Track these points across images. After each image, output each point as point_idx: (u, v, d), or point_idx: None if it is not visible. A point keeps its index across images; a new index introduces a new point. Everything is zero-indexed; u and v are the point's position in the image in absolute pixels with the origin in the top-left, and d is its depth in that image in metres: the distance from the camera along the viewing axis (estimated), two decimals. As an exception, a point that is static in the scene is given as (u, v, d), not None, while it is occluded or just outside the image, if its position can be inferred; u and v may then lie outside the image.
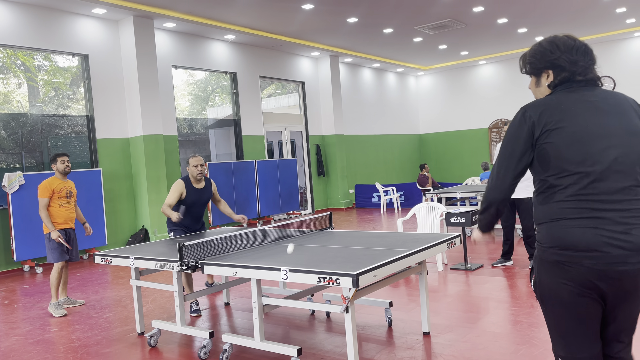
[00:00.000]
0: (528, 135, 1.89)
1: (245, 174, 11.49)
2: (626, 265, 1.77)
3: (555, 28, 13.22)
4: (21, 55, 8.71)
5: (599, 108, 1.86)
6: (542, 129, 1.86)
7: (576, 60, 1.92)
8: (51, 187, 5.44)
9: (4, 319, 5.35)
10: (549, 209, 1.87)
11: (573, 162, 1.81)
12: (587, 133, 1.82)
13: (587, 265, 1.79)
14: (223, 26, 10.71)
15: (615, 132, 1.82)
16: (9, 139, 8.57)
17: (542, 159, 1.87)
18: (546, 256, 1.88)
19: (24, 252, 7.91)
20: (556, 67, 1.95)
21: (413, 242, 3.77)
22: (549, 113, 1.87)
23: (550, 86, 1.99)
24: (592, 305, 1.86)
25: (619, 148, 1.81)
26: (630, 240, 1.77)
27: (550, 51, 1.97)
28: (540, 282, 1.92)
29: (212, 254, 3.82)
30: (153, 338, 4.19)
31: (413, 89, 18.87)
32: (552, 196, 1.87)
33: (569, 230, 1.81)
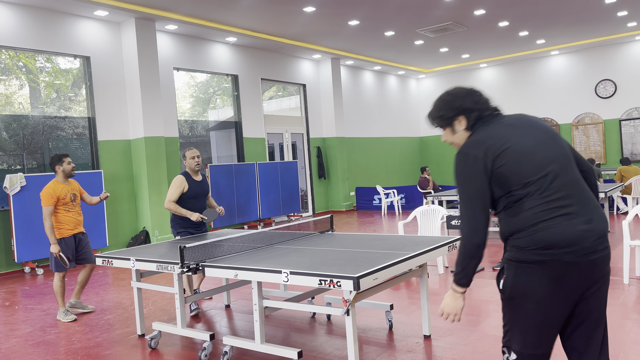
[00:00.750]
0: (483, 169, 2.05)
1: (246, 176, 11.50)
2: (596, 253, 1.96)
3: (556, 31, 13.23)
4: (23, 57, 8.73)
5: (519, 126, 2.11)
6: (491, 158, 2.04)
7: (477, 100, 2.18)
8: (55, 194, 5.07)
9: (4, 321, 5.34)
10: (524, 217, 2.01)
11: (528, 172, 2.01)
12: (526, 146, 2.04)
13: (566, 259, 1.94)
14: (224, 28, 10.73)
15: (543, 138, 2.08)
16: (10, 140, 8.58)
17: (501, 181, 2.04)
18: (524, 257, 2.00)
19: (25, 254, 7.91)
20: (464, 110, 2.18)
21: (414, 245, 3.77)
22: (488, 144, 2.06)
23: (467, 129, 2.20)
24: (561, 304, 1.99)
25: (553, 149, 2.06)
26: (594, 229, 1.96)
27: (453, 101, 2.21)
28: (515, 281, 2.03)
29: (213, 256, 3.82)
30: (154, 340, 4.19)
31: (414, 91, 18.88)
32: (521, 206, 2.02)
33: (549, 231, 1.95)
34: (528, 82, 16.70)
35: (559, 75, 16.15)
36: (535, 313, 2.00)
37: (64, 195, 5.17)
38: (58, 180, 5.21)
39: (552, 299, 1.98)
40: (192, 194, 5.20)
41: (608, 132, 15.40)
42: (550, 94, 16.30)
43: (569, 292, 1.98)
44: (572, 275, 1.96)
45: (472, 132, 2.18)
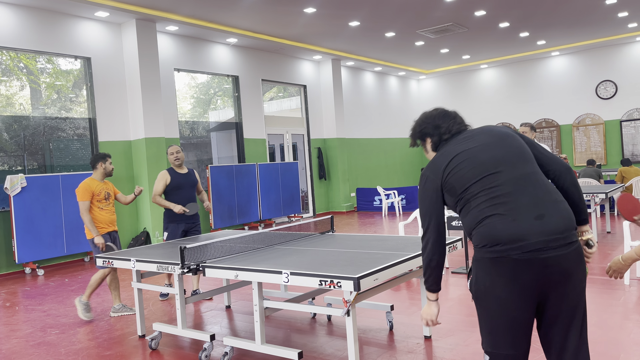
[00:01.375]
0: (433, 188, 2.21)
1: (246, 177, 11.50)
2: (549, 251, 1.93)
3: (557, 32, 13.24)
4: (24, 58, 8.75)
5: (470, 136, 2.23)
6: (440, 175, 2.19)
7: (438, 125, 2.33)
8: (90, 189, 5.12)
9: (5, 322, 5.35)
10: (472, 216, 2.08)
11: (471, 174, 2.11)
12: (472, 152, 2.15)
13: (514, 257, 1.94)
14: (225, 29, 10.74)
15: (491, 142, 2.16)
16: (11, 141, 8.59)
17: (450, 191, 2.17)
18: (481, 255, 2.05)
19: (25, 255, 7.92)
20: (427, 134, 2.38)
21: (414, 245, 3.77)
22: (438, 163, 2.22)
23: (433, 149, 2.39)
24: (524, 303, 1.98)
25: (500, 149, 2.13)
26: (544, 225, 1.95)
27: (419, 125, 2.41)
28: (477, 280, 2.07)
29: (213, 257, 3.82)
30: (154, 341, 4.19)
31: (415, 92, 18.88)
32: (469, 206, 2.11)
33: (492, 227, 2.00)
34: (529, 83, 16.70)
35: (560, 76, 16.15)
36: (499, 313, 2.01)
37: (99, 192, 5.20)
38: (94, 178, 5.26)
39: (512, 297, 1.97)
40: (174, 185, 5.55)
41: (609, 133, 15.39)
42: (551, 95, 16.30)
43: (525, 290, 1.96)
44: (526, 273, 1.94)
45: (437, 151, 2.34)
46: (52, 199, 8.23)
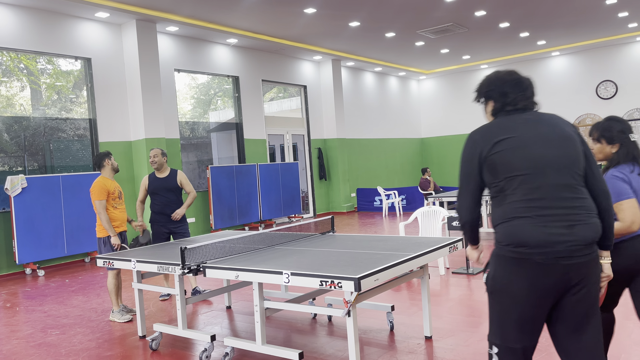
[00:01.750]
0: (477, 154, 2.16)
1: (247, 177, 11.50)
2: (571, 259, 1.98)
3: (557, 32, 13.23)
4: (24, 58, 8.75)
5: (534, 121, 2.14)
6: (488, 145, 2.12)
7: (506, 92, 2.22)
8: (106, 188, 5.06)
9: (5, 322, 5.35)
10: (503, 210, 2.08)
11: (518, 166, 2.06)
12: (526, 141, 2.08)
13: (538, 260, 1.98)
14: (225, 30, 10.74)
15: (551, 138, 2.09)
16: (11, 142, 8.59)
17: (491, 169, 2.11)
18: (503, 253, 2.07)
19: (26, 255, 7.92)
20: (491, 98, 2.28)
21: (415, 246, 3.77)
22: (491, 132, 2.15)
23: (492, 114, 2.29)
24: (537, 302, 2.02)
25: (555, 150, 2.07)
26: (573, 235, 1.97)
27: (486, 85, 2.31)
28: (494, 276, 2.10)
29: (214, 257, 3.82)
30: (154, 341, 4.19)
31: (415, 92, 18.88)
32: (504, 198, 2.09)
33: (522, 229, 2.00)
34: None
35: (560, 76, 16.14)
36: (512, 308, 2.05)
37: (113, 190, 5.16)
38: (105, 177, 5.21)
39: (528, 297, 2.01)
40: (151, 190, 5.71)
41: (609, 133, 15.36)
42: (551, 95, 16.29)
43: (543, 292, 2.00)
44: (546, 276, 1.98)
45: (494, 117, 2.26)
46: (53, 199, 8.23)
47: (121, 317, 5.06)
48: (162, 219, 5.70)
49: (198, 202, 10.96)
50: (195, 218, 10.87)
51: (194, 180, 11.39)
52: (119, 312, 5.09)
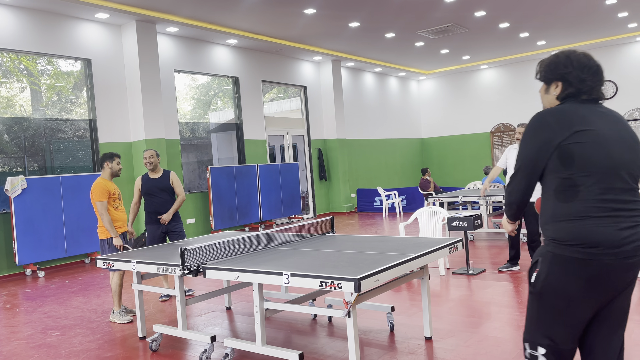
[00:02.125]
0: (550, 139, 2.00)
1: (247, 178, 11.50)
2: (634, 258, 1.94)
3: (557, 32, 13.23)
4: (24, 59, 8.75)
5: (609, 118, 2.05)
6: (566, 132, 1.98)
7: (584, 79, 2.07)
8: (107, 189, 5.05)
9: (5, 323, 5.34)
10: (572, 207, 1.97)
11: (597, 163, 1.95)
12: (607, 138, 1.98)
13: (606, 261, 1.92)
14: (225, 31, 10.75)
15: (626, 139, 2.03)
16: (11, 143, 8.59)
17: (565, 158, 1.97)
18: (564, 252, 1.97)
19: (26, 256, 7.92)
20: (565, 81, 2.11)
21: (415, 246, 3.77)
22: (568, 118, 2.01)
23: (558, 98, 2.15)
24: (592, 303, 2.00)
25: (629, 153, 2.01)
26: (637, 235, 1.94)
27: (563, 65, 2.11)
28: (547, 277, 2.01)
29: (214, 258, 3.82)
30: (154, 342, 4.18)
31: (415, 93, 18.88)
32: (575, 194, 1.97)
33: (595, 229, 1.92)
34: (529, 83, 16.69)
35: (560, 76, 16.13)
36: (567, 311, 2.00)
37: (114, 191, 5.16)
38: (105, 178, 5.19)
39: (584, 298, 1.98)
40: (145, 191, 5.76)
41: (609, 133, 15.37)
42: (551, 95, 16.28)
43: (602, 293, 1.98)
44: (609, 277, 1.94)
45: (561, 103, 2.13)
46: (53, 200, 8.23)
47: (121, 318, 5.05)
48: (158, 219, 5.75)
49: (198, 203, 10.96)
50: (195, 219, 10.87)
51: (194, 181, 11.39)
52: (119, 313, 5.08)
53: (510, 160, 6.10)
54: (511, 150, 6.17)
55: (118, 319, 5.06)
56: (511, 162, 6.09)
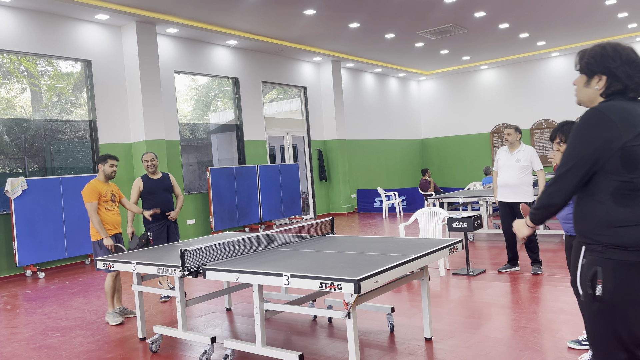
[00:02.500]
0: (610, 139, 1.86)
1: (247, 178, 11.50)
2: None
3: (557, 33, 13.24)
4: (24, 60, 8.76)
5: None
6: (631, 132, 1.85)
7: (632, 75, 1.94)
8: (97, 190, 5.11)
9: (6, 325, 5.35)
10: (636, 211, 1.86)
11: None
12: None
13: None
14: (225, 32, 10.75)
15: None
16: (12, 144, 8.60)
17: (630, 160, 1.85)
18: (629, 258, 1.86)
19: (26, 257, 7.92)
20: (612, 75, 1.96)
21: (415, 247, 3.77)
22: (632, 118, 1.87)
23: (602, 94, 2.00)
24: None
25: None
26: None
27: (612, 58, 1.97)
28: (617, 285, 1.88)
29: (213, 259, 3.82)
30: (155, 343, 4.19)
31: (415, 93, 18.89)
32: (637, 198, 1.86)
33: None
34: (529, 84, 16.70)
35: (560, 76, 16.15)
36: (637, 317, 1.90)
37: (105, 193, 5.19)
38: (99, 179, 5.26)
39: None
40: (148, 190, 5.88)
41: (609, 134, 15.37)
42: (552, 96, 16.30)
43: None
44: None
45: (606, 99, 1.98)
46: (53, 201, 8.23)
47: (113, 319, 5.08)
48: (160, 216, 5.92)
49: (198, 204, 10.96)
50: (195, 219, 10.87)
51: (194, 182, 11.39)
52: (112, 314, 5.12)
53: (500, 162, 6.10)
54: (500, 152, 6.16)
55: (110, 319, 5.09)
56: (501, 163, 6.09)
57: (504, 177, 6.01)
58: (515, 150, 6.02)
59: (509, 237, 6.10)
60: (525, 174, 5.93)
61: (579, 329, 4.01)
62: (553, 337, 3.88)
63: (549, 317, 4.35)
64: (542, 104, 16.47)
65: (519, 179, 5.91)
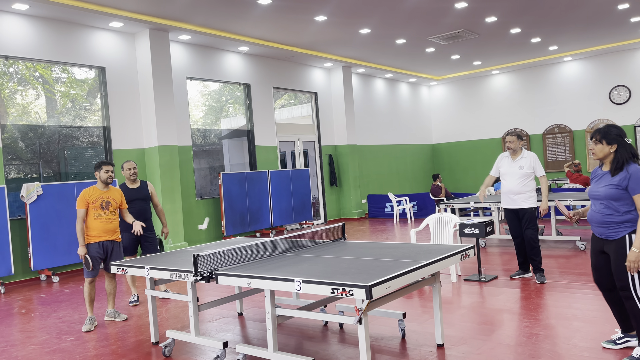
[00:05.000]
0: None
1: (258, 184, 11.55)
2: None
3: (569, 37, 13.17)
4: (40, 67, 8.90)
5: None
6: None
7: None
8: (85, 198, 5.20)
9: (21, 328, 5.42)
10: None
11: None
12: None
13: None
14: (237, 38, 10.84)
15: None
16: (27, 149, 8.73)
17: None
18: None
19: (41, 262, 8.02)
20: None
21: (427, 253, 3.77)
22: None
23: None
24: None
25: None
26: None
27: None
28: None
29: (225, 265, 3.85)
30: (167, 348, 4.22)
31: (426, 99, 18.86)
32: None
33: None
34: (541, 89, 16.60)
35: (572, 81, 16.04)
36: None
37: (94, 201, 5.24)
38: (96, 187, 5.35)
39: None
40: (126, 199, 5.85)
41: (623, 139, 15.21)
42: (564, 101, 16.19)
43: None
44: None
45: None
46: (67, 206, 8.33)
47: (85, 325, 5.15)
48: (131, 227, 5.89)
49: (210, 209, 11.03)
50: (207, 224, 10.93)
51: (206, 187, 11.47)
52: (89, 319, 5.21)
53: (503, 169, 6.08)
54: (502, 159, 6.14)
55: (85, 324, 5.16)
56: (503, 170, 6.06)
57: (507, 184, 6.00)
58: (517, 157, 5.99)
59: (519, 243, 6.07)
60: (528, 180, 5.90)
61: (593, 336, 3.97)
62: (567, 345, 3.85)
63: (562, 324, 4.31)
64: (554, 108, 16.36)
65: (522, 185, 5.88)
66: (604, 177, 3.48)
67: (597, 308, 4.68)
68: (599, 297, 5.01)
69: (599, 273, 3.61)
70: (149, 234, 6.11)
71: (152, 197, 6.21)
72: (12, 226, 8.04)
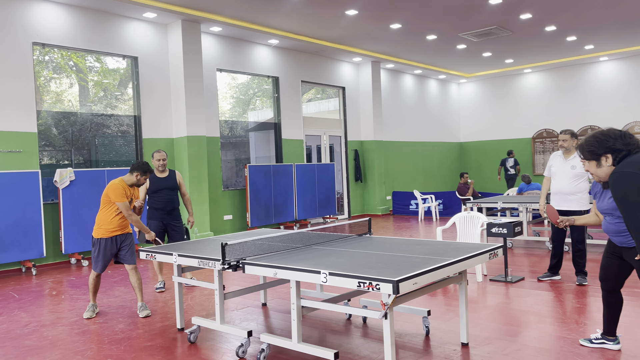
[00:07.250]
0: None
1: (283, 177, 11.60)
2: None
3: (606, 37, 12.81)
4: (74, 56, 9.09)
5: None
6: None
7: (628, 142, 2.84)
8: (124, 191, 5.06)
9: (51, 309, 5.57)
10: None
11: None
12: None
13: None
14: (267, 31, 10.87)
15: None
16: (59, 136, 8.94)
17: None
18: None
19: (71, 245, 8.22)
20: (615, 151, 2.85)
21: (454, 251, 3.73)
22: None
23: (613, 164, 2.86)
24: None
25: None
26: None
27: (606, 140, 2.85)
28: None
29: (252, 254, 3.88)
30: (193, 334, 4.28)
31: (455, 96, 18.62)
32: None
33: None
34: (574, 89, 16.21)
35: (608, 82, 15.61)
36: None
37: (128, 195, 5.18)
38: (125, 180, 5.17)
39: None
40: (153, 189, 6.08)
41: (659, 142, 14.76)
42: (598, 101, 15.78)
43: None
44: None
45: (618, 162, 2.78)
46: (98, 192, 8.51)
47: (86, 312, 5.21)
48: (162, 215, 6.13)
49: (236, 200, 11.13)
50: (232, 215, 11.04)
51: (232, 178, 11.57)
52: (90, 306, 5.27)
53: (554, 167, 5.91)
54: (554, 158, 5.96)
55: (86, 311, 5.23)
56: (554, 169, 5.89)
57: (557, 184, 5.77)
58: (570, 156, 5.79)
59: (557, 246, 5.91)
60: (580, 181, 5.67)
61: (623, 342, 3.88)
62: (595, 350, 3.77)
63: (591, 329, 4.22)
64: (587, 109, 15.97)
65: (573, 186, 5.67)
66: (605, 191, 3.48)
67: (627, 313, 4.57)
68: (633, 303, 4.89)
69: (606, 273, 3.68)
70: (176, 223, 6.20)
71: (180, 187, 6.28)
72: (45, 210, 8.25)
